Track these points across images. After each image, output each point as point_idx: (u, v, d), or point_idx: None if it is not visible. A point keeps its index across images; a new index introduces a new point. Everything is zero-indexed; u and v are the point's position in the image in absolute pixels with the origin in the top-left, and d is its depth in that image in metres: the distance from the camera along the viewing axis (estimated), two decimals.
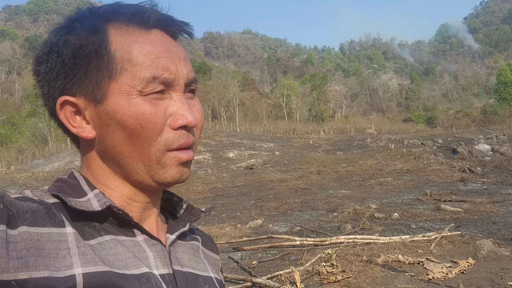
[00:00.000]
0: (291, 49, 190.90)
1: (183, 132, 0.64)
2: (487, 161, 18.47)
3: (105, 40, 0.62)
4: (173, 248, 0.69)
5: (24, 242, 0.52)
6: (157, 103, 0.62)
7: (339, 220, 9.89)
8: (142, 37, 0.63)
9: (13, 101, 73.41)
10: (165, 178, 0.64)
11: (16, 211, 0.53)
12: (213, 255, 0.82)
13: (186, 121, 0.63)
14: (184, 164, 0.65)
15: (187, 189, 17.14)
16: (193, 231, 0.80)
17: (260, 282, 5.83)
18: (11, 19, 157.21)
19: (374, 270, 6.08)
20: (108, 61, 0.61)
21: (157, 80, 0.62)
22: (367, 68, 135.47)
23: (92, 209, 0.61)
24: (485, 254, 6.57)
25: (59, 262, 0.54)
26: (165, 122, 0.62)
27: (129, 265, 0.60)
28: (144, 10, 0.64)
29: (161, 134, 0.62)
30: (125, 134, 0.62)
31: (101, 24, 0.62)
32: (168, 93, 0.64)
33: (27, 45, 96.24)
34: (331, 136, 41.84)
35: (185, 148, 0.65)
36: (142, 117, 0.61)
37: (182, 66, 0.65)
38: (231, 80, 65.13)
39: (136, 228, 0.66)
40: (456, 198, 11.58)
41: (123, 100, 0.61)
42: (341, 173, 18.63)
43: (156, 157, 0.63)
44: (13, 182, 26.71)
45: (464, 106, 75.92)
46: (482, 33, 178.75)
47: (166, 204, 0.77)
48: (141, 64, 0.61)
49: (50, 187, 0.65)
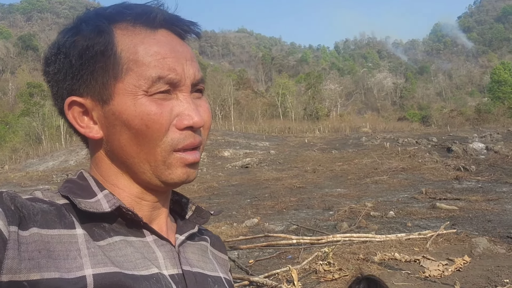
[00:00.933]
0: (286, 47, 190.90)
1: (189, 132, 0.63)
2: (481, 160, 18.58)
3: (111, 41, 0.62)
4: (182, 248, 0.69)
5: (35, 243, 0.52)
6: (163, 104, 0.62)
7: (335, 218, 9.92)
8: (148, 38, 0.62)
9: (7, 100, 72.99)
10: (171, 178, 0.64)
11: (27, 213, 0.54)
12: (221, 255, 0.82)
13: (192, 122, 0.63)
14: (191, 165, 0.65)
15: (182, 188, 16.80)
16: (202, 231, 0.80)
17: (257, 280, 5.83)
18: (5, 17, 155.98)
19: (370, 268, 6.10)
20: (114, 62, 0.61)
21: (162, 80, 0.61)
22: (362, 67, 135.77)
23: (102, 210, 0.61)
24: (480, 251, 6.61)
25: (70, 263, 0.54)
26: (171, 123, 0.62)
27: (138, 266, 0.60)
28: (151, 10, 0.64)
29: (167, 134, 0.62)
30: (131, 135, 0.62)
31: (107, 25, 0.62)
32: (174, 93, 0.63)
33: (21, 43, 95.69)
34: (326, 134, 41.94)
35: (191, 149, 0.64)
36: (147, 118, 0.61)
37: (188, 66, 0.64)
38: (226, 79, 65.10)
39: (145, 229, 0.66)
40: (451, 196, 11.65)
41: (128, 101, 0.61)
42: (336, 172, 18.68)
43: (162, 157, 0.63)
44: (7, 182, 26.54)
45: (458, 105, 76.38)
46: (476, 32, 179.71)
47: (175, 205, 0.78)
48: (147, 65, 0.61)
49: (60, 188, 0.65)
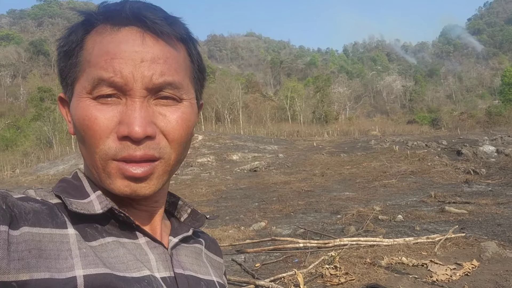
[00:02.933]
0: (294, 51, 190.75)
1: (127, 143, 0.58)
2: (492, 163, 18.37)
3: (76, 41, 0.62)
4: (175, 251, 0.69)
5: (26, 243, 0.51)
6: (104, 109, 0.58)
7: (343, 222, 9.87)
8: (109, 37, 0.59)
9: (18, 105, 73.91)
10: (112, 189, 0.60)
11: (18, 212, 0.53)
12: (216, 258, 0.81)
13: (127, 131, 0.57)
14: (133, 179, 0.59)
15: (191, 192, 17.16)
16: (198, 234, 0.79)
17: (263, 284, 5.81)
18: (16, 23, 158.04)
19: (377, 273, 6.06)
20: (76, 62, 0.62)
21: (104, 82, 0.58)
22: (370, 70, 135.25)
23: (94, 212, 0.60)
24: (489, 256, 6.53)
25: (60, 264, 0.53)
26: (110, 130, 0.58)
27: (130, 267, 0.59)
28: (120, 6, 0.61)
29: (105, 142, 0.58)
30: (79, 137, 0.62)
31: (79, 26, 0.62)
32: (124, 98, 0.59)
33: (32, 49, 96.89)
34: (335, 138, 41.78)
35: (137, 162, 0.59)
36: (83, 122, 0.59)
37: (143, 69, 0.58)
38: (234, 82, 65.30)
39: (138, 231, 0.65)
40: (460, 199, 11.52)
41: (75, 102, 0.61)
42: (345, 175, 18.60)
43: (101, 165, 0.60)
44: (18, 185, 26.84)
45: (468, 108, 75.63)
46: (486, 34, 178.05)
47: (171, 207, 0.77)
48: (94, 65, 0.59)
49: (54, 187, 0.65)
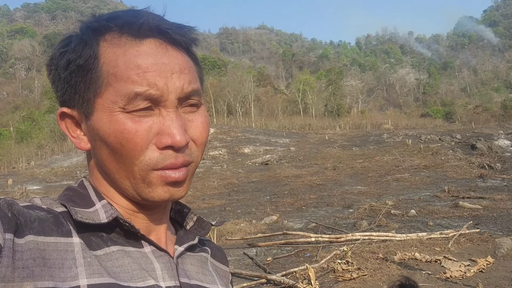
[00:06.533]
0: (306, 44, 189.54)
1: (169, 152, 0.59)
2: (507, 157, 18.12)
3: (93, 55, 0.60)
4: (181, 260, 0.68)
5: (31, 251, 0.51)
6: (141, 121, 0.58)
7: (355, 216, 9.83)
8: (132, 49, 0.59)
9: (33, 98, 74.81)
10: (152, 197, 0.61)
11: (23, 220, 0.53)
12: (222, 267, 0.80)
13: (171, 141, 0.58)
14: (174, 183, 0.61)
15: (203, 185, 17.23)
16: (203, 242, 0.78)
17: (274, 279, 5.82)
18: (30, 16, 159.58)
19: (390, 268, 6.03)
20: (95, 76, 0.59)
21: (140, 96, 0.57)
22: (383, 63, 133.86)
23: (99, 221, 0.60)
24: (504, 252, 6.45)
25: (65, 273, 0.53)
26: (149, 141, 0.59)
27: (135, 277, 0.59)
28: (138, 17, 0.60)
29: (145, 153, 0.59)
30: (109, 151, 0.60)
31: (91, 37, 0.60)
32: (157, 109, 0.59)
33: (46, 42, 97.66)
34: (347, 131, 41.53)
35: (177, 168, 0.60)
36: (121, 136, 0.58)
37: (174, 80, 0.59)
38: (246, 75, 65.12)
39: (143, 240, 0.65)
40: (474, 194, 11.38)
41: (105, 117, 0.59)
42: (357, 169, 18.50)
43: (141, 176, 0.60)
44: (33, 177, 27.23)
45: (483, 101, 74.36)
46: (502, 26, 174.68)
47: (177, 214, 0.76)
48: (125, 80, 0.58)
49: (60, 195, 0.64)
